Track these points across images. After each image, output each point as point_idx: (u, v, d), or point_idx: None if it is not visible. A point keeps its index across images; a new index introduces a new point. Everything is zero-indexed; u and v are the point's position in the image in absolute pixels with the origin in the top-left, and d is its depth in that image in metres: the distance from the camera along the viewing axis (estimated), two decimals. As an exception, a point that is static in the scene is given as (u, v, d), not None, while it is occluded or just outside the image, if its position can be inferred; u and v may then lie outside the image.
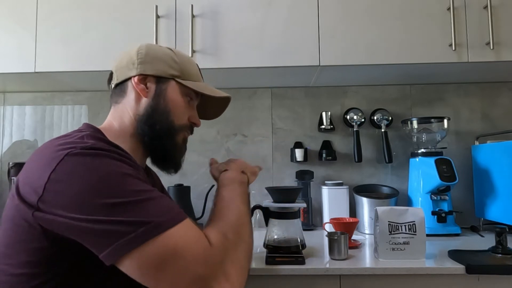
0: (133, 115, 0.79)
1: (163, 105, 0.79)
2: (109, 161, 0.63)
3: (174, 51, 0.84)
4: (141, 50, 0.81)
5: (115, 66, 0.83)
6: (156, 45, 0.86)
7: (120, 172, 0.62)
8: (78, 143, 0.64)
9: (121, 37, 1.37)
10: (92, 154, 0.62)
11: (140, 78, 0.79)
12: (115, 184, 0.60)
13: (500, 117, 1.66)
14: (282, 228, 1.10)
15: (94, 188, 0.59)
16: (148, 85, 0.79)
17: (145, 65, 0.79)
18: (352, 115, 1.63)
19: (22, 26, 1.40)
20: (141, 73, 0.79)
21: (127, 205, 0.59)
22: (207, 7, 1.37)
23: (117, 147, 0.70)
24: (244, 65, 1.35)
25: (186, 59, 0.85)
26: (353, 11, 1.35)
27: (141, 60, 0.79)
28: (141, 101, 0.79)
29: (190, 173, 1.66)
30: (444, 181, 1.37)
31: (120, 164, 0.64)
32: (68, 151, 0.61)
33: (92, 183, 0.59)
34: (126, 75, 0.80)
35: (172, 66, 0.81)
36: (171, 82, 0.81)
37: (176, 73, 0.81)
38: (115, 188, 0.60)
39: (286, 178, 1.67)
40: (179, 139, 0.83)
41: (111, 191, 0.59)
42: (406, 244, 1.04)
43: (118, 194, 0.59)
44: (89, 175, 0.59)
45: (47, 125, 1.74)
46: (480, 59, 1.32)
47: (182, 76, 0.82)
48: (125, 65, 0.81)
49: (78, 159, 0.61)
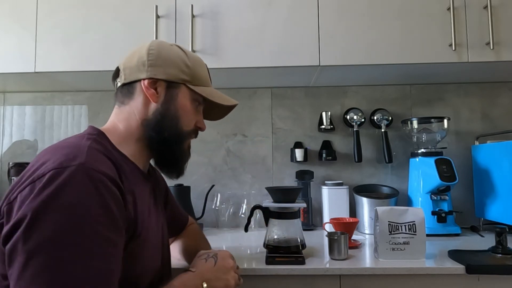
0: (140, 119, 0.77)
1: (173, 111, 0.78)
2: (80, 194, 0.59)
3: (186, 52, 0.82)
4: (152, 50, 0.78)
5: (123, 64, 0.80)
6: (168, 44, 0.81)
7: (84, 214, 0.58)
8: (69, 159, 0.61)
9: (121, 37, 1.37)
10: (69, 182, 0.58)
11: (150, 82, 0.76)
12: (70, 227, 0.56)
13: (500, 117, 1.66)
14: (282, 228, 1.10)
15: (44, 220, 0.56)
16: (158, 90, 0.77)
17: (156, 68, 0.77)
18: (352, 115, 1.63)
19: (22, 26, 1.40)
20: (152, 77, 0.76)
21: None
22: (207, 7, 1.37)
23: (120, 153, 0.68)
24: (244, 65, 1.35)
25: (197, 62, 0.83)
26: (353, 11, 1.35)
27: (152, 62, 0.77)
28: (150, 105, 0.77)
29: (190, 173, 1.66)
30: (444, 181, 1.37)
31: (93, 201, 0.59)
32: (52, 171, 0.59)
33: (47, 212, 0.56)
34: (135, 76, 0.77)
35: (183, 71, 0.79)
36: (182, 88, 0.79)
37: (187, 78, 0.79)
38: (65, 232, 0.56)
39: (286, 178, 1.67)
40: (186, 145, 0.83)
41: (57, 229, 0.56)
42: (406, 244, 1.04)
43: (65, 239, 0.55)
44: (49, 202, 0.56)
45: (47, 125, 1.75)
46: (480, 59, 1.32)
47: (192, 81, 0.80)
48: (134, 65, 0.78)
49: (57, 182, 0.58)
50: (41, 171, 0.60)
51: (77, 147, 0.65)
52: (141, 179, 0.78)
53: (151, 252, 0.75)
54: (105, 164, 0.65)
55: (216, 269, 0.78)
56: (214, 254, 0.82)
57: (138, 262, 0.69)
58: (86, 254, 0.56)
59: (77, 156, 0.62)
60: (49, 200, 0.56)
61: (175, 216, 1.03)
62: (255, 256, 1.11)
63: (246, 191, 1.66)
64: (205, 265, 0.79)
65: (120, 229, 0.63)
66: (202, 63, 0.86)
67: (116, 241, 0.61)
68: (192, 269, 0.77)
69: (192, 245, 0.99)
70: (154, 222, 0.78)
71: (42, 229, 0.55)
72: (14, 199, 0.59)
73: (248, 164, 1.68)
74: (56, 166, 0.59)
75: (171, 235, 0.98)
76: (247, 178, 1.68)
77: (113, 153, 0.71)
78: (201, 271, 0.77)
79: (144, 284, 0.72)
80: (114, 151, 0.73)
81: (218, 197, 1.62)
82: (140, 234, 0.69)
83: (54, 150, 0.65)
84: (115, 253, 0.61)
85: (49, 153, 0.64)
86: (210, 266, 0.79)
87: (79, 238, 0.56)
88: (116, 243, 0.61)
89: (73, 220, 0.56)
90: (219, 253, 0.83)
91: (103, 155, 0.67)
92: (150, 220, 0.76)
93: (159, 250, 0.80)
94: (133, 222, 0.68)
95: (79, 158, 0.61)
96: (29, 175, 0.61)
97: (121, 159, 0.72)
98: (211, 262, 0.80)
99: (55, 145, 0.68)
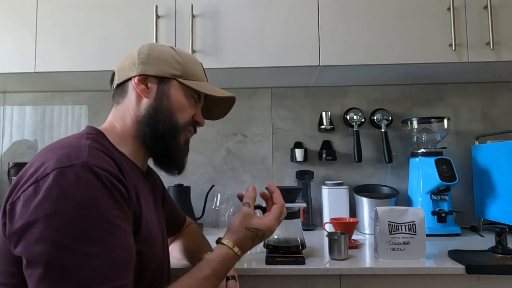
0: (134, 116, 0.79)
1: (167, 106, 0.79)
2: (89, 191, 0.59)
3: (177, 50, 0.83)
4: (143, 50, 0.80)
5: (118, 67, 0.83)
6: (159, 44, 0.84)
7: (93, 209, 0.59)
8: (71, 158, 0.62)
9: (121, 37, 1.37)
10: (76, 178, 0.59)
11: (141, 79, 0.78)
12: (79, 221, 0.57)
13: (500, 117, 1.66)
14: (282, 228, 1.10)
15: (53, 220, 0.56)
16: (149, 86, 0.79)
17: (146, 65, 0.79)
18: (352, 115, 1.63)
19: (22, 26, 1.40)
20: (142, 73, 0.78)
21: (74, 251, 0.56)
22: (207, 7, 1.37)
23: (119, 152, 0.69)
24: (244, 65, 1.35)
25: (189, 59, 0.84)
26: (353, 11, 1.35)
27: (142, 60, 0.79)
28: (142, 101, 0.79)
29: (190, 173, 1.66)
30: (444, 181, 1.37)
31: (100, 197, 0.60)
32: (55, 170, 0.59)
33: (55, 211, 0.57)
34: (127, 75, 0.80)
35: (174, 66, 0.80)
36: (173, 82, 0.80)
37: (178, 73, 0.80)
38: (76, 227, 0.57)
39: (286, 178, 1.67)
40: (181, 139, 0.82)
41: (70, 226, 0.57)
42: (406, 244, 1.04)
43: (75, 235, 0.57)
44: (60, 202, 0.57)
45: (47, 125, 1.75)
46: (480, 59, 1.32)
47: (184, 76, 0.81)
48: (127, 66, 0.80)
49: (60, 179, 0.59)
50: (44, 170, 0.60)
51: (77, 146, 0.65)
52: (141, 177, 0.78)
53: (153, 249, 0.75)
54: (107, 162, 0.66)
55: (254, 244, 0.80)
56: (262, 234, 0.80)
57: (140, 259, 0.70)
58: (106, 246, 0.58)
59: (79, 154, 0.62)
60: (59, 201, 0.57)
61: (173, 216, 1.03)
62: (255, 256, 1.11)
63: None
64: (252, 244, 0.80)
65: (130, 222, 0.65)
66: (196, 61, 0.87)
67: (130, 232, 0.64)
68: (233, 244, 0.77)
69: (192, 245, 0.99)
70: (155, 220, 0.79)
71: (58, 230, 0.56)
72: (17, 198, 0.59)
73: (248, 164, 1.68)
74: (59, 165, 0.59)
75: (169, 234, 0.98)
76: (247, 178, 1.68)
77: (113, 152, 0.71)
78: (244, 248, 0.78)
79: (145, 282, 0.72)
80: (114, 150, 0.73)
81: (218, 197, 1.62)
82: (143, 230, 0.69)
83: (54, 150, 0.65)
84: (131, 243, 0.64)
85: (48, 152, 0.64)
86: (252, 246, 0.81)
87: (96, 233, 0.58)
88: (130, 233, 0.64)
89: (87, 216, 0.57)
90: (265, 231, 0.80)
91: (104, 153, 0.68)
92: (151, 217, 0.76)
93: (160, 247, 0.80)
94: (138, 217, 0.68)
95: (82, 157, 0.62)
96: (31, 174, 0.61)
97: (120, 157, 0.73)
98: (256, 243, 0.80)
99: (53, 145, 0.68)
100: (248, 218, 0.81)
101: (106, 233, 0.59)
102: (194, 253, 0.93)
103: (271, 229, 0.82)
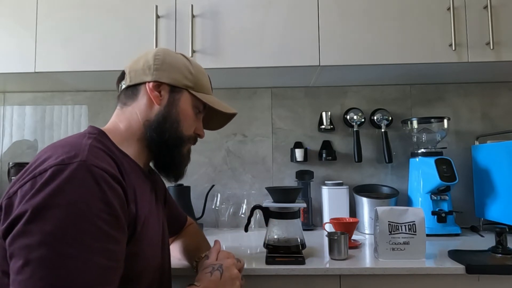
0: (142, 120, 0.79)
1: (175, 115, 0.80)
2: (82, 190, 0.59)
3: (190, 60, 0.85)
4: (159, 55, 0.81)
5: (130, 67, 0.83)
6: (173, 52, 0.85)
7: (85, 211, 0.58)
8: (70, 156, 0.62)
9: (121, 37, 1.37)
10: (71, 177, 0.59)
11: (155, 85, 0.79)
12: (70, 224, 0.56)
13: (500, 117, 1.66)
14: (282, 228, 1.10)
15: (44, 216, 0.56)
16: (162, 93, 0.80)
17: (161, 72, 0.80)
18: (352, 115, 1.63)
19: (22, 26, 1.40)
20: (157, 80, 0.79)
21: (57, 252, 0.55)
22: (207, 7, 1.37)
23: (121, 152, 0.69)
24: (244, 65, 1.35)
25: (200, 70, 0.86)
26: (353, 11, 1.35)
27: (157, 66, 0.80)
28: (153, 107, 0.79)
29: (190, 173, 1.66)
30: (444, 181, 1.37)
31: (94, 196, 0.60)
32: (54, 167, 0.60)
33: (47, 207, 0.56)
34: (140, 79, 0.80)
35: (186, 77, 0.82)
36: (184, 93, 0.82)
37: (190, 84, 0.82)
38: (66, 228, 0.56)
39: (286, 178, 1.67)
40: (185, 149, 0.84)
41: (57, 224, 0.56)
42: (406, 244, 1.04)
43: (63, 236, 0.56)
44: (51, 197, 0.57)
45: (47, 125, 1.75)
46: (480, 59, 1.32)
47: (195, 88, 0.83)
48: (140, 68, 0.81)
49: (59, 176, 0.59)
50: (43, 167, 0.60)
51: (78, 145, 0.66)
52: (142, 177, 0.79)
53: (152, 249, 0.75)
54: (106, 161, 0.66)
55: (222, 283, 0.78)
56: (219, 266, 0.80)
57: (139, 259, 0.70)
58: (86, 250, 0.56)
59: (78, 153, 0.63)
60: (50, 196, 0.57)
61: (174, 216, 1.03)
62: (255, 256, 1.11)
63: (246, 191, 1.66)
64: (210, 279, 0.78)
65: (122, 227, 0.63)
66: (205, 72, 0.89)
67: (118, 239, 0.62)
68: (197, 284, 0.76)
69: (193, 244, 0.99)
70: (155, 220, 0.79)
71: (43, 224, 0.55)
72: (14, 193, 0.59)
73: (248, 164, 1.68)
74: (57, 163, 0.60)
75: (170, 234, 0.98)
76: (247, 178, 1.68)
77: (114, 151, 0.72)
78: (207, 285, 0.76)
79: (144, 282, 0.72)
80: (115, 149, 0.73)
81: (218, 197, 1.62)
82: (141, 231, 0.69)
83: (55, 148, 0.65)
84: (117, 250, 0.61)
85: (49, 150, 0.65)
86: (216, 280, 0.78)
87: (79, 234, 0.56)
88: (118, 240, 0.61)
89: (74, 216, 0.57)
90: (224, 263, 0.82)
91: (104, 153, 0.68)
92: (151, 217, 0.76)
93: (159, 248, 0.80)
94: (134, 218, 0.68)
95: (81, 156, 0.62)
96: (30, 171, 0.61)
97: (122, 157, 0.73)
98: (216, 275, 0.78)
99: (56, 143, 0.69)
100: (201, 266, 0.83)
101: (90, 237, 0.57)
102: (194, 253, 0.93)
103: (220, 256, 0.85)
